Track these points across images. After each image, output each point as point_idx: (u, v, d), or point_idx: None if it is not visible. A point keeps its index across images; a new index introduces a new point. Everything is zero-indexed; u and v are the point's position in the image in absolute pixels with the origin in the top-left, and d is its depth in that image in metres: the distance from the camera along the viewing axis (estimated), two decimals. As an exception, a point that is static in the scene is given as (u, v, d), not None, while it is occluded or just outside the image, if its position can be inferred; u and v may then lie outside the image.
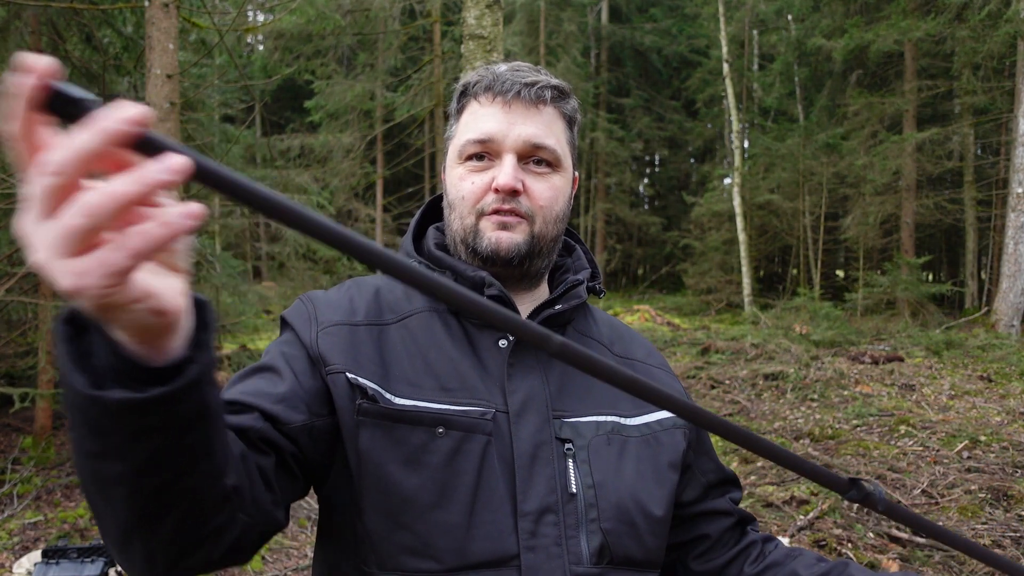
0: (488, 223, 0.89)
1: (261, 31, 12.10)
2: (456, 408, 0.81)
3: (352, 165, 13.51)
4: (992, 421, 6.32)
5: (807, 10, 18.18)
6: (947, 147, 15.34)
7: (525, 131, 0.88)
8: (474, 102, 0.91)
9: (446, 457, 0.79)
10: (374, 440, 0.79)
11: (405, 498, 0.78)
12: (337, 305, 0.89)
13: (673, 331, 13.78)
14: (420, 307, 0.90)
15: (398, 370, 0.84)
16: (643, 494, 0.87)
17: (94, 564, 3.06)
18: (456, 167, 0.92)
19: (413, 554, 0.78)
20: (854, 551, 3.73)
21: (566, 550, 0.80)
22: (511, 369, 0.86)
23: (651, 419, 0.92)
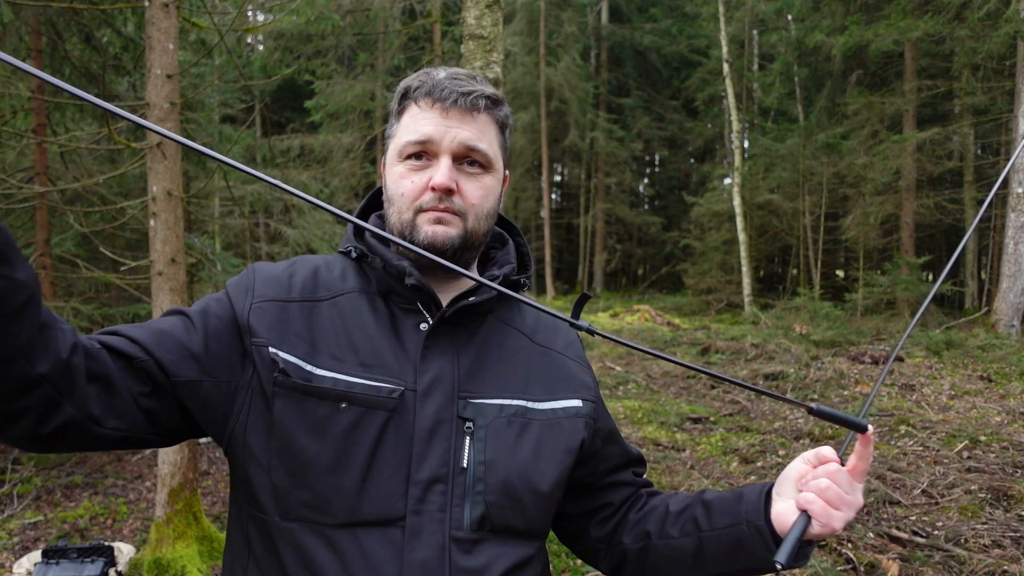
0: (424, 218, 0.96)
1: (261, 31, 12.10)
2: (367, 383, 0.90)
3: (352, 165, 13.51)
4: (992, 421, 6.31)
5: (807, 10, 18.18)
6: (947, 147, 15.34)
7: (460, 135, 0.96)
8: (414, 106, 0.98)
9: (345, 429, 0.89)
10: (285, 409, 0.89)
11: (307, 461, 0.88)
12: (276, 280, 0.97)
13: (673, 331, 13.78)
14: (352, 287, 0.99)
15: (324, 344, 0.93)
16: (533, 472, 0.95)
17: (94, 564, 3.06)
18: (396, 165, 0.99)
19: (311, 508, 0.88)
20: (854, 551, 3.73)
21: (449, 516, 0.90)
22: (426, 351, 0.95)
23: (557, 406, 1.01)
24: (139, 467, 5.34)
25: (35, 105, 5.19)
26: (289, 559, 0.88)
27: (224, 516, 4.39)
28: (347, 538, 0.88)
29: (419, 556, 0.88)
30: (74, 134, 5.52)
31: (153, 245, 3.56)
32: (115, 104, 5.46)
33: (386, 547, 0.88)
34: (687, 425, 6.61)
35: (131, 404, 0.85)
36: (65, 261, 5.60)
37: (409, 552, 0.88)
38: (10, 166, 5.58)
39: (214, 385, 0.91)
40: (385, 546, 0.88)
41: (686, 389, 8.27)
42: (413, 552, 0.88)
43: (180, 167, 3.65)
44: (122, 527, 4.28)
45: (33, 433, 0.78)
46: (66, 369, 0.76)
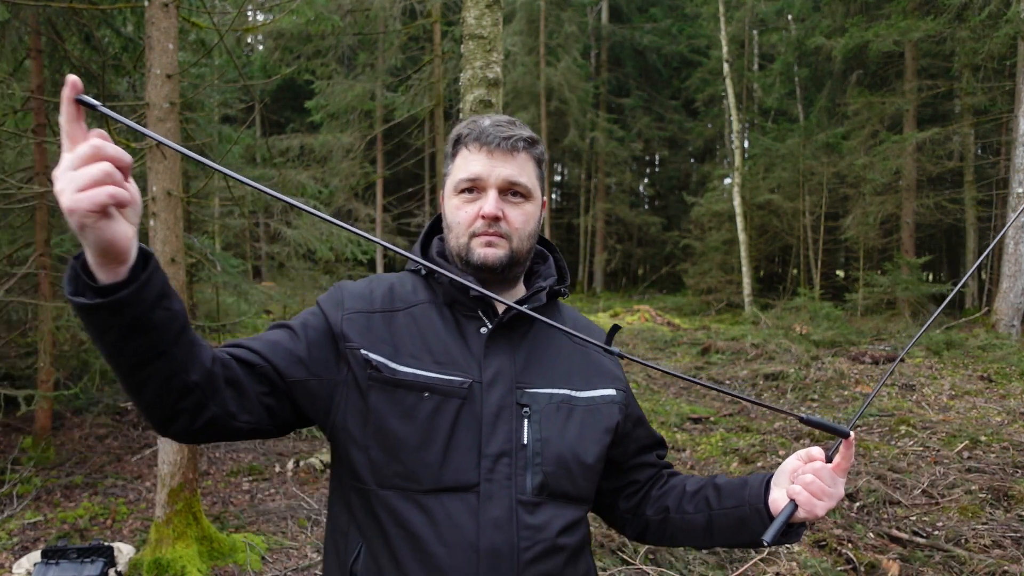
0: (477, 242, 1.17)
1: (261, 31, 12.09)
2: (442, 377, 1.11)
3: (352, 165, 13.49)
4: (992, 421, 6.31)
5: (807, 10, 18.17)
6: (947, 147, 15.32)
7: (504, 172, 1.17)
8: (465, 149, 1.20)
9: (429, 414, 1.09)
10: (379, 399, 1.10)
11: (399, 441, 1.09)
12: (360, 295, 1.19)
13: (673, 331, 13.77)
14: (423, 299, 1.20)
15: (403, 347, 1.13)
16: (579, 447, 1.16)
17: (94, 564, 3.05)
18: (452, 198, 1.20)
19: (403, 478, 1.09)
20: (854, 551, 3.73)
21: (514, 483, 1.10)
22: (487, 350, 1.15)
23: (595, 394, 1.22)
24: (139, 467, 5.33)
25: (35, 105, 5.19)
26: (386, 520, 1.09)
27: (224, 516, 4.39)
28: (433, 501, 1.08)
29: (492, 515, 1.08)
30: (74, 134, 5.51)
31: (153, 245, 3.55)
32: (115, 103, 5.45)
33: (465, 508, 1.08)
34: (687, 425, 6.61)
35: (256, 402, 1.06)
36: (65, 261, 5.59)
37: (484, 512, 1.08)
38: (10, 166, 5.57)
39: (318, 383, 1.12)
40: (464, 507, 1.08)
41: (686, 389, 8.27)
42: (487, 512, 1.08)
43: (180, 167, 3.64)
44: (122, 527, 4.28)
45: (188, 428, 1.00)
46: (210, 377, 0.98)
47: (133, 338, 0.87)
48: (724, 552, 3.74)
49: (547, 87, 21.05)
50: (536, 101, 21.05)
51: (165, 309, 0.88)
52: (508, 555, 1.08)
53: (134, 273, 0.84)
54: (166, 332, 0.89)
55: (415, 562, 1.07)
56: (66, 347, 6.02)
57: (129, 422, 6.45)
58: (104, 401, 6.67)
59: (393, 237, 16.89)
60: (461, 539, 1.07)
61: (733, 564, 3.63)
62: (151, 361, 0.90)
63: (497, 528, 1.08)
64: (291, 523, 4.34)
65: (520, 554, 1.09)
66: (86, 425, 6.13)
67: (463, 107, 3.59)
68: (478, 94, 3.51)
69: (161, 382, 0.92)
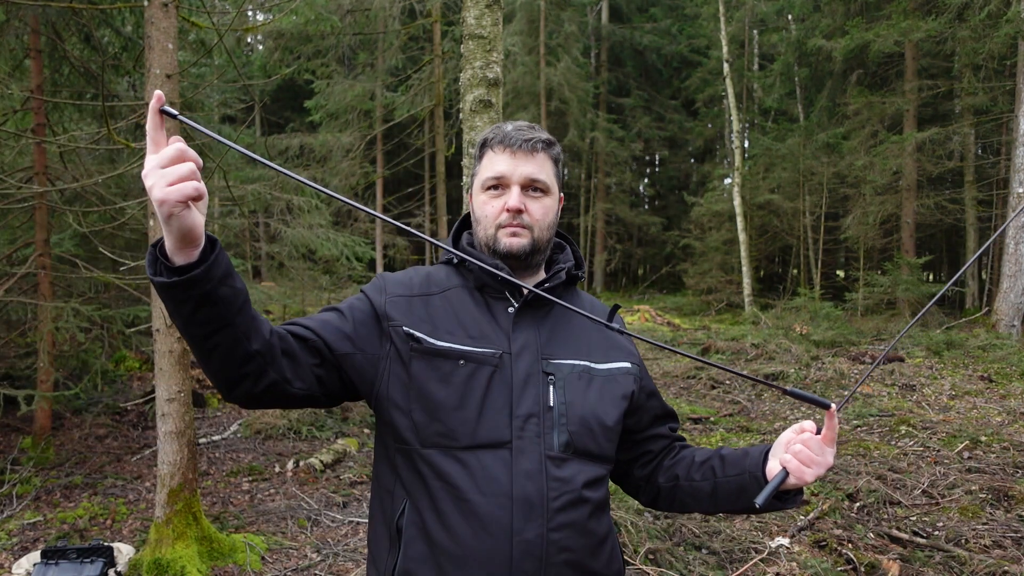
0: (503, 232, 1.33)
1: (261, 31, 12.09)
2: (475, 349, 1.26)
3: (352, 165, 13.48)
4: (993, 421, 6.31)
5: (807, 10, 18.17)
6: (947, 147, 15.32)
7: (525, 170, 1.33)
8: (490, 151, 1.36)
9: (465, 378, 1.24)
10: (420, 367, 1.25)
11: (438, 403, 1.23)
12: (400, 282, 1.35)
13: (673, 331, 13.77)
14: (456, 284, 1.36)
15: (440, 323, 1.28)
16: (600, 410, 1.30)
17: (93, 564, 3.05)
18: (480, 195, 1.37)
19: (443, 436, 1.22)
20: (854, 551, 3.72)
21: (543, 441, 1.24)
22: (515, 326, 1.30)
23: (613, 366, 1.36)
24: (138, 467, 5.33)
25: (34, 105, 5.18)
26: (428, 475, 1.22)
27: (223, 516, 4.39)
28: (470, 456, 1.21)
29: (524, 467, 1.21)
30: (73, 134, 5.51)
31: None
32: (115, 103, 5.44)
33: (499, 462, 1.21)
34: (687, 425, 6.60)
35: (309, 371, 1.22)
36: (65, 261, 5.59)
37: (516, 465, 1.21)
38: (9, 166, 5.57)
39: (363, 357, 1.27)
40: (498, 461, 1.21)
41: (686, 389, 8.27)
42: (519, 465, 1.21)
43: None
44: (121, 527, 4.28)
45: (250, 392, 1.15)
46: (269, 346, 1.13)
47: (203, 311, 1.02)
48: (724, 552, 3.74)
49: (547, 87, 21.04)
50: (536, 101, 21.04)
51: (229, 287, 1.04)
52: (539, 503, 1.21)
53: (204, 255, 1.00)
54: (230, 306, 1.04)
55: (455, 511, 1.20)
56: (65, 347, 6.02)
57: (129, 422, 6.45)
58: (104, 401, 6.67)
59: (393, 237, 16.88)
60: (497, 488, 1.19)
61: (733, 564, 3.63)
62: (218, 331, 1.05)
63: (529, 478, 1.21)
64: (291, 523, 4.34)
65: (549, 503, 1.21)
66: (86, 425, 6.13)
67: (463, 107, 3.59)
68: (478, 94, 3.50)
69: (227, 350, 1.08)
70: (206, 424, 6.60)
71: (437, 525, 1.21)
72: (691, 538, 3.91)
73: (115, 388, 7.18)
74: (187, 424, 3.65)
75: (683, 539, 3.90)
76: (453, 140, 13.78)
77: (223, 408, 7.19)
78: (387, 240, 16.70)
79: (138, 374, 7.75)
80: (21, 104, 5.35)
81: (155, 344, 3.58)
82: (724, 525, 4.08)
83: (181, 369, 3.61)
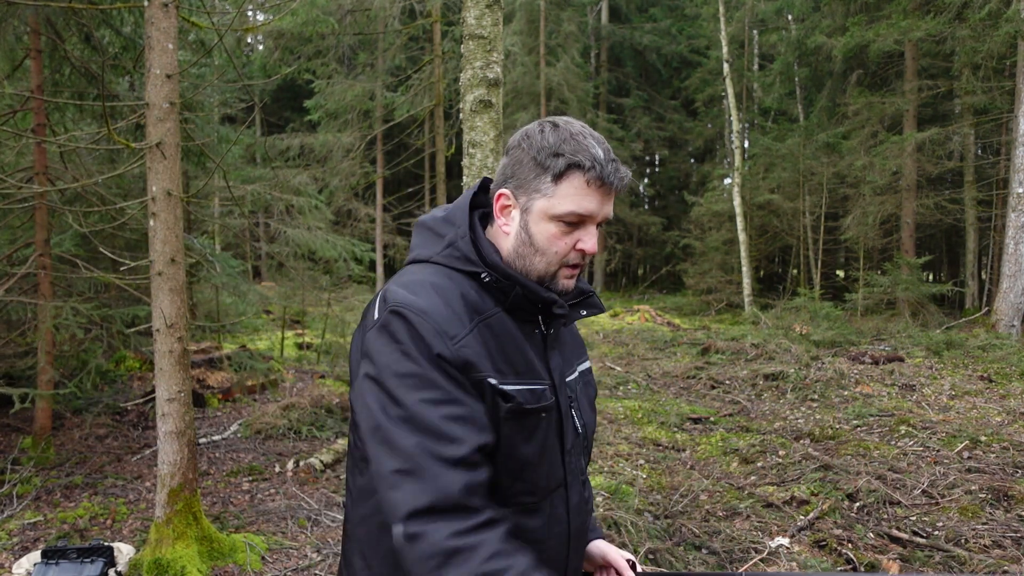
0: (564, 273, 1.16)
1: (261, 31, 12.09)
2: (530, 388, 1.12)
3: (352, 165, 13.49)
4: (992, 421, 6.31)
5: (807, 10, 18.17)
6: (947, 147, 15.32)
7: (608, 210, 1.15)
8: (582, 179, 1.09)
9: (544, 431, 1.14)
10: (512, 428, 1.09)
11: (524, 462, 1.12)
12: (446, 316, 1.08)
13: (673, 331, 13.77)
14: (494, 309, 1.14)
15: (494, 362, 1.10)
16: (593, 419, 1.31)
17: (94, 565, 3.05)
18: (548, 223, 1.12)
19: (524, 494, 1.13)
20: (854, 551, 3.73)
21: (577, 468, 1.23)
22: (549, 352, 1.20)
23: (585, 366, 1.35)
24: (139, 467, 5.33)
25: (34, 105, 5.18)
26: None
27: (224, 516, 4.39)
28: (544, 504, 1.17)
29: (574, 501, 1.22)
30: (73, 134, 5.51)
31: (153, 245, 3.55)
32: (115, 103, 5.44)
33: (561, 502, 1.19)
34: (687, 425, 6.61)
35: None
36: (65, 261, 5.59)
37: (570, 500, 1.21)
38: (9, 166, 5.57)
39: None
40: (561, 501, 1.19)
41: (686, 389, 8.27)
42: (571, 500, 1.21)
43: (180, 167, 3.64)
44: (122, 527, 4.28)
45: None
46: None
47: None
48: (724, 552, 3.74)
49: (547, 87, 21.04)
50: (536, 101, 21.04)
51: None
52: (583, 531, 1.25)
53: None
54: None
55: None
56: (65, 347, 6.02)
57: (129, 422, 6.45)
58: (104, 401, 6.67)
59: (393, 236, 16.89)
60: (561, 529, 1.19)
61: (733, 564, 3.63)
62: None
63: (578, 513, 1.22)
64: (291, 523, 4.34)
65: (584, 527, 1.27)
66: (86, 425, 6.13)
67: (463, 107, 3.59)
68: (478, 94, 3.51)
69: None
70: (206, 424, 6.60)
71: None
72: (691, 538, 3.92)
73: (115, 388, 7.18)
74: (187, 424, 3.65)
75: (683, 539, 3.91)
76: (453, 140, 13.78)
77: (223, 408, 7.20)
78: (387, 240, 16.70)
79: (138, 374, 7.75)
80: (21, 104, 5.35)
81: (155, 344, 3.58)
82: (724, 525, 4.08)
83: (181, 369, 3.61)
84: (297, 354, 10.32)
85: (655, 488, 4.76)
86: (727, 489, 4.75)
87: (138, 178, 6.63)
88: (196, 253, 6.02)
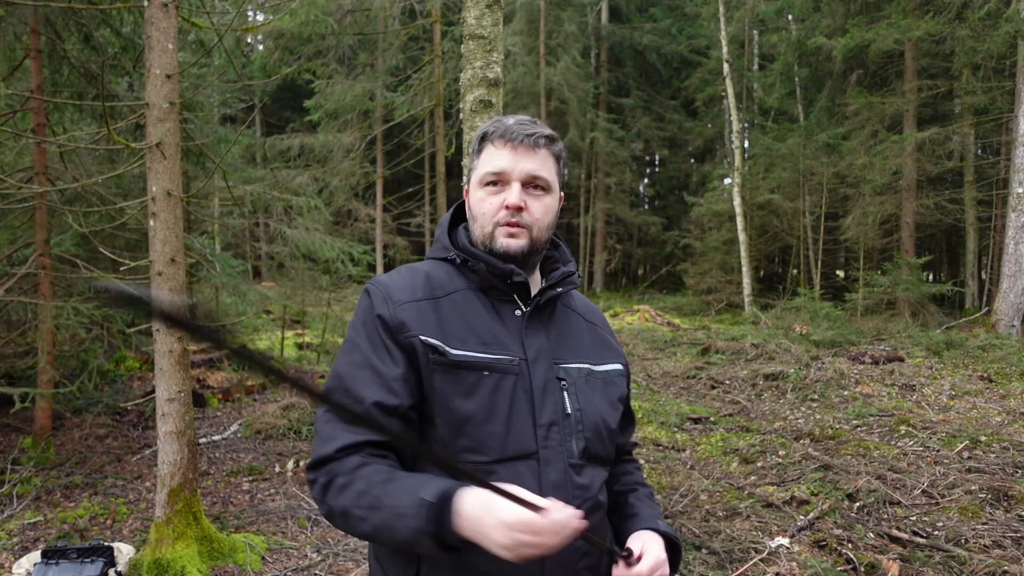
0: (501, 231, 1.25)
1: (260, 31, 12.09)
2: (494, 357, 1.21)
3: (352, 165, 13.49)
4: (992, 421, 6.31)
5: (807, 10, 18.17)
6: (947, 147, 15.32)
7: (527, 166, 1.25)
8: (491, 145, 1.27)
9: (490, 390, 1.19)
10: (443, 381, 1.19)
11: (464, 417, 1.18)
12: (400, 287, 1.26)
13: (673, 331, 13.77)
14: (461, 286, 1.28)
15: (452, 330, 1.22)
16: (607, 415, 1.31)
17: (94, 564, 3.05)
18: (478, 190, 1.29)
19: (470, 451, 1.18)
20: (854, 551, 3.73)
21: (564, 449, 1.23)
22: (526, 331, 1.26)
23: (608, 368, 1.36)
24: (139, 467, 5.33)
25: (34, 105, 5.18)
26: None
27: (224, 516, 4.39)
28: (501, 468, 1.18)
29: (551, 477, 1.21)
30: (73, 134, 5.51)
31: (153, 245, 3.55)
32: (115, 103, 5.43)
33: (529, 472, 1.19)
34: (687, 425, 6.61)
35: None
36: (65, 261, 5.59)
37: (544, 476, 1.20)
38: (9, 166, 5.57)
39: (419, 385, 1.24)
40: (528, 472, 1.19)
41: (686, 389, 8.27)
42: (547, 475, 1.20)
43: (180, 167, 3.64)
44: (122, 527, 4.28)
45: None
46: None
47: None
48: (724, 552, 3.74)
49: (547, 87, 21.04)
50: (536, 101, 21.04)
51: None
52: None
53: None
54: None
55: None
56: (65, 347, 6.02)
57: (129, 422, 6.45)
58: (104, 401, 6.67)
59: (393, 236, 16.89)
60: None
61: (733, 564, 3.63)
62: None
63: (556, 489, 1.20)
64: (291, 523, 4.34)
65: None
66: (86, 425, 6.13)
67: (463, 107, 3.59)
68: (478, 94, 3.51)
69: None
70: (206, 424, 6.60)
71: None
72: (691, 538, 3.92)
73: (115, 388, 7.18)
74: (187, 424, 3.65)
75: (683, 539, 3.91)
76: (453, 140, 13.78)
77: (223, 408, 7.20)
78: (387, 240, 16.70)
79: (138, 374, 7.75)
80: (21, 104, 5.35)
81: (155, 344, 3.58)
82: (724, 525, 4.08)
83: (181, 369, 3.61)
84: (297, 354, 10.32)
85: (655, 488, 4.76)
86: (727, 489, 4.75)
87: (138, 178, 6.63)
88: (196, 253, 6.02)
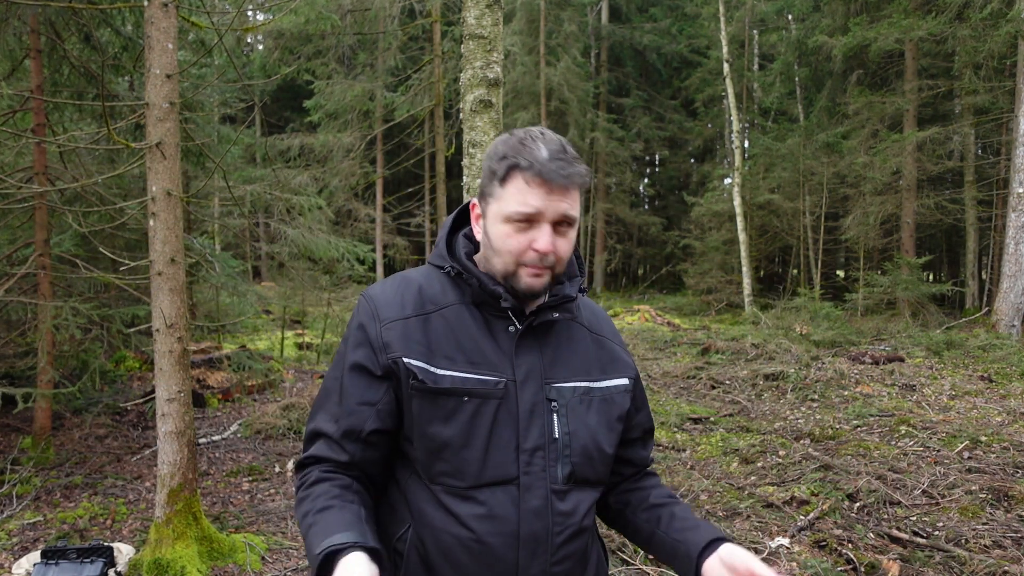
0: (525, 271, 1.19)
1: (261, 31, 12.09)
2: (479, 377, 1.17)
3: (352, 165, 13.49)
4: (993, 421, 6.31)
5: (807, 10, 18.17)
6: (947, 147, 15.32)
7: (560, 207, 1.16)
8: (521, 181, 1.15)
9: (470, 416, 1.16)
10: (421, 406, 1.17)
11: (442, 443, 1.16)
12: (390, 303, 1.23)
13: (673, 331, 13.77)
14: (453, 301, 1.24)
15: (439, 348, 1.19)
16: (600, 438, 1.26)
17: (93, 565, 3.05)
18: (501, 224, 1.19)
19: (448, 476, 1.17)
20: (854, 551, 3.72)
21: (548, 475, 1.19)
22: (518, 349, 1.21)
23: (610, 384, 1.30)
24: (138, 467, 5.33)
25: (34, 105, 5.18)
26: (435, 506, 1.19)
27: (223, 516, 4.39)
28: (478, 493, 1.16)
29: (531, 504, 1.18)
30: (73, 134, 5.51)
31: (152, 245, 3.55)
32: (115, 103, 5.43)
33: (508, 499, 1.17)
34: (687, 425, 6.60)
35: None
36: (64, 261, 5.59)
37: (524, 502, 1.17)
38: (9, 166, 5.57)
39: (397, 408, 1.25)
40: (507, 498, 1.17)
41: (686, 389, 8.27)
42: (527, 502, 1.17)
43: (180, 167, 3.64)
44: (121, 527, 4.28)
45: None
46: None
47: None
48: (724, 552, 3.73)
49: (547, 87, 21.04)
50: (536, 101, 21.04)
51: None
52: (544, 540, 1.19)
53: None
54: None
55: (459, 547, 1.16)
56: (65, 347, 6.02)
57: (129, 422, 6.45)
58: (104, 401, 6.67)
59: (393, 236, 16.89)
60: (504, 528, 1.16)
61: (733, 564, 3.63)
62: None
63: (536, 516, 1.18)
64: (291, 523, 4.34)
65: (553, 538, 1.19)
66: (86, 425, 6.13)
67: (463, 107, 3.59)
68: (478, 94, 3.50)
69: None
70: (206, 424, 6.60)
71: (440, 559, 1.17)
72: (691, 538, 3.91)
73: (115, 388, 7.18)
74: (187, 424, 3.65)
75: (683, 539, 3.90)
76: (453, 140, 13.78)
77: (223, 408, 7.19)
78: (387, 240, 16.70)
79: (138, 374, 7.75)
80: (21, 104, 5.35)
81: (155, 344, 3.58)
82: (724, 525, 4.08)
83: (181, 369, 3.61)
84: (297, 354, 10.32)
85: (655, 488, 4.75)
86: (727, 489, 4.75)
87: (138, 178, 6.63)
88: (196, 253, 6.02)
